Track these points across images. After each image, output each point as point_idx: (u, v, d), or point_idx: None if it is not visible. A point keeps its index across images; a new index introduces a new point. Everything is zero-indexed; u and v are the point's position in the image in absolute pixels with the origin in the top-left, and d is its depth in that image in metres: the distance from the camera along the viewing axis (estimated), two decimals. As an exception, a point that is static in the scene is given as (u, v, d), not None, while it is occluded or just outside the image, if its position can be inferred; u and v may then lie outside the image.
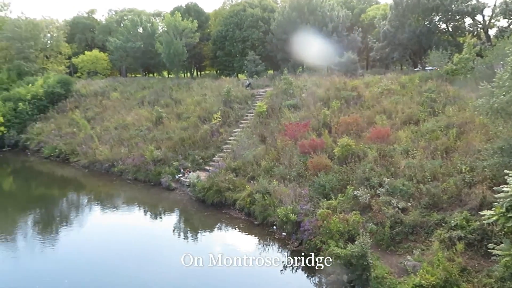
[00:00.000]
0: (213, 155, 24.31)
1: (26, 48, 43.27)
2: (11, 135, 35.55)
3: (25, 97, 37.44)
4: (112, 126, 31.86)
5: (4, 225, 19.54)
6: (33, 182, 27.86)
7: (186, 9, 49.01)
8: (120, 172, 25.71)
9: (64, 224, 19.39)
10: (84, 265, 14.56)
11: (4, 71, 41.93)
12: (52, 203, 23.32)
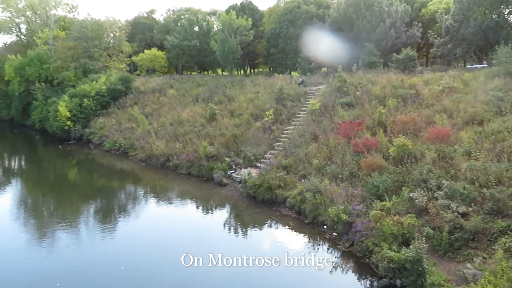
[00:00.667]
0: (264, 152, 24.41)
1: (91, 47, 45.86)
2: (77, 129, 37.91)
3: (89, 94, 39.74)
4: (168, 122, 32.97)
5: (69, 212, 20.95)
6: (95, 174, 29.58)
7: (241, 7, 49.54)
8: (174, 167, 26.55)
9: (122, 214, 20.41)
10: (138, 252, 15.26)
11: (72, 69, 44.76)
12: (111, 194, 24.64)
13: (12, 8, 54.38)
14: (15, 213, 21.02)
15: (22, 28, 57.86)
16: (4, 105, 53.15)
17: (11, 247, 16.39)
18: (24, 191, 26.28)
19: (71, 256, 15.46)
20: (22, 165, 34.98)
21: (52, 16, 54.64)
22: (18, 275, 14.07)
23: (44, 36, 49.22)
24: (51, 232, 18.21)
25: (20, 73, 46.57)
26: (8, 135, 49.74)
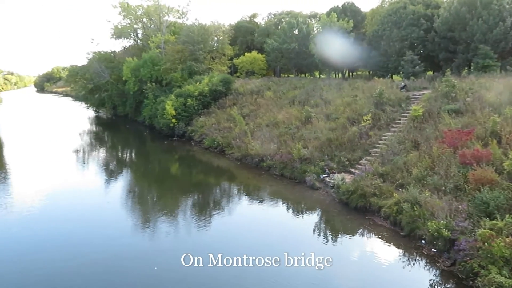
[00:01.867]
0: (360, 158, 23.61)
1: (197, 50, 48.93)
2: (180, 126, 40.69)
3: (193, 94, 42.37)
4: (264, 123, 33.67)
5: (169, 203, 22.59)
6: (194, 169, 31.46)
7: (342, 9, 48.65)
8: (268, 167, 27.01)
9: (216, 210, 21.34)
10: (234, 247, 15.76)
11: (179, 70, 48.23)
12: (207, 189, 25.93)
13: (132, 15, 60.47)
14: (124, 200, 23.37)
15: (139, 33, 63.96)
16: (120, 102, 59.16)
17: (119, 231, 18.23)
18: (132, 181, 28.97)
19: (169, 244, 16.64)
20: (133, 157, 38.58)
21: (164, 22, 59.58)
22: (121, 258, 15.55)
23: (157, 40, 53.84)
24: (153, 220, 19.81)
25: (135, 74, 51.44)
26: (122, 129, 55.31)
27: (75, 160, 34.44)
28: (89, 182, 27.33)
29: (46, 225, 19.13)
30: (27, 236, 17.71)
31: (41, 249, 16.31)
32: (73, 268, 14.48)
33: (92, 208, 21.48)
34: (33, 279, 13.79)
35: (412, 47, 38.67)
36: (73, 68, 67.16)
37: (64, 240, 17.23)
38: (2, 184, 26.69)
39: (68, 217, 20.04)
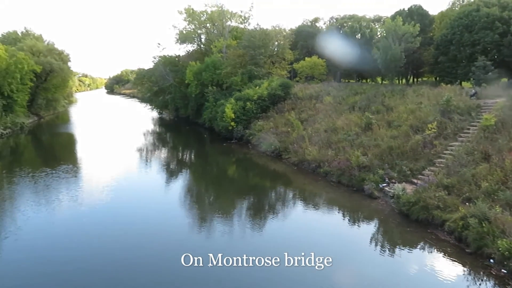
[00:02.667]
0: (423, 168, 22.49)
1: (257, 55, 49.48)
2: (239, 129, 41.33)
3: (252, 98, 42.87)
4: (322, 128, 33.22)
5: (226, 204, 22.97)
6: (250, 172, 31.77)
7: (408, 12, 46.78)
8: (325, 174, 26.58)
9: (271, 213, 21.37)
10: (284, 251, 15.68)
11: (239, 74, 49.04)
12: (263, 192, 26.06)
13: (196, 21, 62.58)
14: (183, 198, 24.22)
15: (202, 38, 65.96)
16: (183, 105, 61.32)
17: (176, 228, 18.88)
18: (191, 181, 29.93)
19: (224, 244, 16.90)
20: (192, 158, 39.80)
21: (227, 27, 60.98)
22: (174, 257, 16.01)
23: (219, 45, 55.22)
24: (210, 220, 20.26)
25: (197, 77, 53.08)
26: (183, 131, 57.29)
27: (139, 158, 36.29)
28: (150, 180, 28.69)
29: (110, 217, 20.53)
30: (93, 225, 19.12)
31: (101, 237, 17.46)
32: (129, 256, 15.24)
33: (152, 205, 22.51)
34: (100, 259, 14.75)
35: (484, 52, 36.26)
36: (140, 71, 70.83)
37: (123, 231, 18.21)
38: (74, 178, 28.73)
39: (129, 211, 21.32)
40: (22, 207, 22.11)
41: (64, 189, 25.46)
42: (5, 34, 79.86)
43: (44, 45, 76.01)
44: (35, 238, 17.95)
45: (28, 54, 62.99)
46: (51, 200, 23.21)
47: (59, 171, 30.49)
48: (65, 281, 14.00)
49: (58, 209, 21.69)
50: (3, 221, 20.41)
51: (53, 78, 70.22)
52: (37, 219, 20.37)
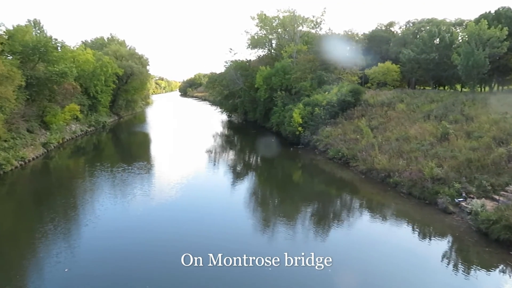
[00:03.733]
0: (506, 184, 20.60)
1: (328, 60, 48.84)
2: (306, 135, 41.00)
3: (321, 103, 42.32)
4: (394, 137, 31.84)
5: (289, 209, 22.84)
6: (316, 178, 31.30)
7: (495, 15, 43.23)
8: (394, 184, 25.41)
9: (335, 221, 20.87)
10: (353, 266, 15.21)
11: (308, 80, 48.74)
12: (328, 199, 25.53)
13: (268, 26, 63.37)
14: (248, 200, 24.55)
15: (273, 43, 66.63)
16: (251, 109, 62.28)
17: (239, 230, 19.13)
18: (256, 183, 30.24)
19: (286, 248, 16.78)
20: (258, 161, 40.20)
21: (298, 32, 61.00)
22: (232, 254, 16.19)
23: (290, 50, 55.35)
24: (273, 224, 20.28)
25: (267, 82, 53.64)
26: (250, 134, 58.07)
27: (207, 159, 37.50)
28: (217, 180, 29.57)
29: (177, 213, 21.65)
30: (162, 219, 20.41)
31: (167, 231, 18.39)
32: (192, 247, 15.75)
33: (217, 204, 23.27)
34: (164, 252, 15.45)
35: None
36: (212, 75, 73.23)
37: (189, 225, 19.00)
38: (147, 175, 30.54)
39: (195, 208, 22.39)
40: (101, 199, 24.27)
41: (138, 184, 27.36)
42: (94, 40, 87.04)
43: (126, 50, 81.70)
44: (110, 227, 19.68)
45: (112, 58, 68.07)
46: (126, 193, 25.14)
47: (134, 167, 32.57)
48: (131, 267, 15.01)
49: (132, 202, 23.34)
50: (85, 210, 22.63)
51: (133, 80, 75.13)
52: (113, 210, 22.21)
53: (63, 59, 45.37)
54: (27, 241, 18.56)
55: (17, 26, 42.49)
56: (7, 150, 31.77)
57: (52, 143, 40.17)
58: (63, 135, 44.69)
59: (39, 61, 42.65)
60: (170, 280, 14.24)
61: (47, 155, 37.88)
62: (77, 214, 22.01)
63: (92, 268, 15.15)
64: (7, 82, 31.65)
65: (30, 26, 48.05)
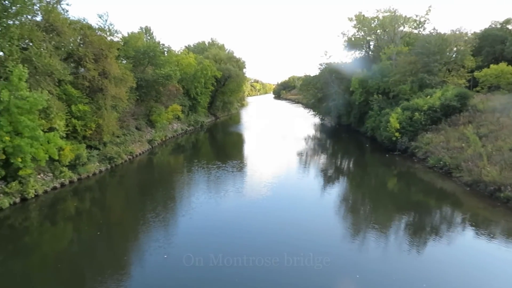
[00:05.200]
0: None
1: (431, 62, 45.50)
2: (403, 141, 38.72)
3: (421, 108, 39.64)
4: (507, 146, 28.50)
5: (382, 220, 21.77)
6: (413, 188, 29.33)
7: None
8: (506, 199, 22.74)
9: (433, 236, 19.31)
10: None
11: (408, 83, 45.94)
12: (426, 211, 23.69)
13: (366, 27, 61.31)
14: (337, 206, 24.02)
15: (371, 44, 64.28)
16: (345, 112, 60.83)
17: (328, 235, 18.74)
18: (347, 189, 29.44)
19: (375, 260, 16.03)
20: (350, 166, 39.06)
21: (398, 32, 58.02)
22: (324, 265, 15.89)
23: (389, 51, 52.83)
24: (363, 232, 19.51)
25: (363, 84, 51.93)
26: (343, 138, 56.75)
27: (298, 161, 37.54)
28: (307, 183, 29.44)
29: (266, 211, 22.14)
30: (251, 215, 21.22)
31: (255, 227, 18.77)
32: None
33: (305, 207, 23.16)
34: (251, 247, 15.82)
35: None
36: (306, 78, 73.12)
37: (276, 223, 19.21)
38: (240, 173, 31.71)
39: (283, 208, 22.72)
40: (197, 192, 26.33)
41: (231, 181, 28.82)
42: (196, 44, 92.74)
43: (225, 53, 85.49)
44: (204, 219, 21.11)
45: (212, 61, 71.73)
46: (220, 189, 26.77)
47: (228, 165, 34.04)
48: (222, 257, 15.70)
49: (225, 197, 24.83)
50: (183, 202, 24.74)
51: (230, 83, 78.33)
52: (207, 203, 23.88)
53: (168, 62, 49.06)
54: (132, 226, 20.72)
55: (131, 33, 47.03)
56: (119, 145, 35.34)
57: (156, 140, 43.73)
58: (166, 133, 48.34)
59: (148, 64, 46.65)
60: (257, 274, 14.52)
61: (151, 151, 41.31)
62: (175, 205, 24.07)
63: (187, 256, 16.17)
64: (121, 83, 35.18)
65: (142, 33, 52.83)
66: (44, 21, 27.52)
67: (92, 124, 31.10)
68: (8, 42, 22.48)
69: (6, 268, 15.81)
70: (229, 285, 14.19)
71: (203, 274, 14.80)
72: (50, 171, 26.51)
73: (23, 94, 22.34)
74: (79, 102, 30.06)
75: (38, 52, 24.85)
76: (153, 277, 14.78)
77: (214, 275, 14.70)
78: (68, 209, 23.39)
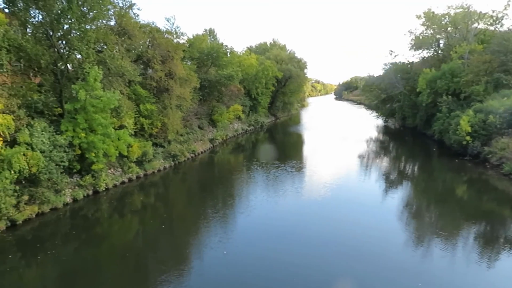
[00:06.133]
0: None
1: (509, 61, 42.10)
2: (475, 145, 36.19)
3: (497, 110, 36.79)
4: None
5: (448, 228, 20.50)
6: (485, 195, 27.25)
7: None
8: None
9: (507, 248, 17.85)
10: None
11: (482, 83, 42.86)
12: (499, 221, 21.92)
13: (435, 25, 58.15)
14: (400, 212, 23.03)
15: (440, 43, 60.87)
16: (411, 114, 58.20)
17: (390, 241, 18.03)
18: (411, 195, 28.11)
19: (438, 270, 15.18)
20: (415, 170, 37.26)
21: (472, 30, 54.36)
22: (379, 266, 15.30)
23: (461, 50, 49.65)
24: (428, 240, 18.57)
25: (431, 85, 49.29)
26: (408, 141, 54.34)
27: (359, 164, 36.54)
28: (368, 186, 28.51)
29: (324, 212, 21.82)
30: (309, 216, 20.95)
31: (312, 228, 18.53)
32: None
33: (365, 211, 22.48)
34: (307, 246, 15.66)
35: None
36: (370, 78, 70.98)
37: (333, 227, 18.88)
38: (299, 173, 31.63)
39: (342, 211, 22.20)
40: (255, 191, 26.81)
41: (290, 181, 28.94)
42: (258, 45, 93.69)
43: (286, 54, 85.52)
44: (262, 217, 21.51)
45: (273, 62, 72.08)
46: (278, 188, 27.05)
47: (287, 165, 34.06)
48: (279, 255, 15.87)
49: (283, 197, 25.04)
50: (241, 199, 25.30)
51: (291, 83, 78.25)
52: (265, 202, 24.32)
53: (231, 63, 50.08)
54: (193, 221, 21.62)
55: (196, 35, 48.60)
56: (182, 143, 36.69)
57: (217, 139, 44.84)
58: (227, 133, 49.38)
59: (211, 65, 47.93)
60: (314, 276, 14.36)
61: (212, 150, 42.43)
62: (235, 202, 24.67)
63: (245, 253, 16.52)
64: (186, 84, 36.52)
65: (206, 35, 54.38)
66: (117, 25, 29.34)
67: (158, 122, 32.62)
68: (86, 46, 24.21)
69: (80, 255, 17.06)
70: (287, 285, 14.18)
71: (260, 272, 14.95)
72: (119, 167, 28.17)
73: (98, 94, 24.01)
74: (146, 101, 31.65)
75: (111, 55, 26.52)
76: (212, 271, 15.26)
77: (270, 274, 14.78)
78: (134, 203, 24.72)
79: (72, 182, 24.17)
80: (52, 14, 23.42)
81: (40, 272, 15.86)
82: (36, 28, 24.36)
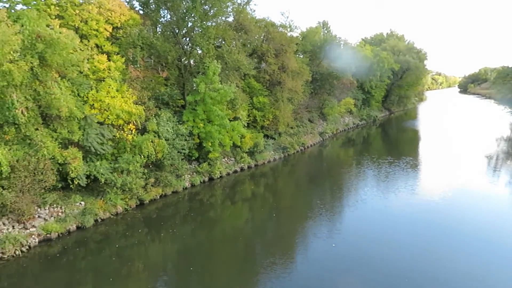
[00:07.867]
0: None
1: None
2: None
3: None
4: None
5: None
6: None
7: None
8: None
9: None
10: None
11: None
12: None
13: None
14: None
15: None
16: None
17: None
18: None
19: None
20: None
21: None
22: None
23: None
24: None
25: None
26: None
27: (485, 166, 32.68)
28: (494, 192, 25.29)
29: (440, 216, 20.23)
30: (420, 218, 19.84)
31: (423, 232, 17.71)
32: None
33: (489, 221, 19.89)
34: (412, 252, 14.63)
35: None
36: (503, 70, 62.95)
37: (449, 236, 17.42)
38: (413, 172, 29.74)
39: (460, 217, 20.20)
40: (364, 186, 26.14)
41: (403, 179, 27.42)
42: (373, 36, 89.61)
43: (404, 45, 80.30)
44: (371, 212, 20.95)
45: (389, 53, 68.31)
46: (390, 185, 25.93)
47: (401, 162, 32.22)
48: (386, 252, 15.41)
49: (394, 195, 23.87)
50: (349, 193, 24.88)
51: (408, 76, 73.26)
52: (375, 197, 23.52)
53: (344, 56, 48.81)
54: (301, 212, 21.99)
55: (309, 28, 48.43)
56: (292, 136, 37.14)
57: (327, 133, 44.32)
58: (337, 126, 48.49)
59: (324, 58, 47.36)
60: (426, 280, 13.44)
61: (322, 143, 42.11)
62: (342, 195, 24.40)
63: (355, 248, 16.21)
64: (298, 77, 36.73)
65: (320, 27, 53.81)
66: (235, 21, 30.76)
67: (270, 115, 33.51)
68: (206, 41, 25.93)
69: (195, 237, 18.51)
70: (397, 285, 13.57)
71: (368, 274, 14.46)
72: (232, 156, 29.69)
73: (216, 87, 25.55)
74: (259, 94, 32.71)
75: (229, 49, 27.94)
76: (319, 264, 15.34)
77: (377, 276, 14.21)
78: (245, 191, 25.86)
79: (191, 168, 26.23)
80: (178, 13, 25.62)
81: (162, 248, 17.67)
82: (164, 27, 26.94)
